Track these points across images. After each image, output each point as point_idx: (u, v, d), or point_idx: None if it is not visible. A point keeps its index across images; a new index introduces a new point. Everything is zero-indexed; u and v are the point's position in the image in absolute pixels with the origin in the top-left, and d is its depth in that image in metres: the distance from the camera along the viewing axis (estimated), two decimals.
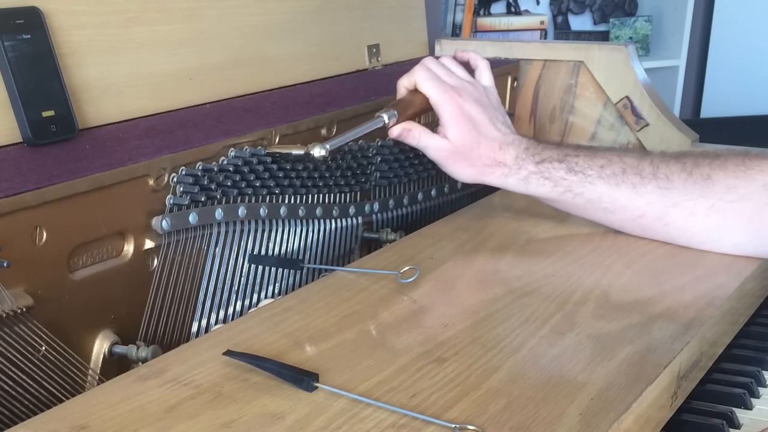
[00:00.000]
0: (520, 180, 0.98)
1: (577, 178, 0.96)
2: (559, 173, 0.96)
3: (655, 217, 0.95)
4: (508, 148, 0.99)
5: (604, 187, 0.95)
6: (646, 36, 2.99)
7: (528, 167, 0.98)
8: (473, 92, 1.01)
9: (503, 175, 0.99)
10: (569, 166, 0.96)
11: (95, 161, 0.80)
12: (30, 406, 0.71)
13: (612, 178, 0.95)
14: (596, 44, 1.36)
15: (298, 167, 0.98)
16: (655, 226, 0.95)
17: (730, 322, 0.87)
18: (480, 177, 1.00)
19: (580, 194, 0.96)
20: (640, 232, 0.97)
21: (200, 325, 0.89)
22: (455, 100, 0.98)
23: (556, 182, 0.97)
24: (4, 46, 0.82)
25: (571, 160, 0.97)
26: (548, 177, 0.97)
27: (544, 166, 0.97)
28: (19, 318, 0.71)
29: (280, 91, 1.15)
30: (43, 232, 0.73)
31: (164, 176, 0.83)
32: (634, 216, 0.96)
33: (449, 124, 0.98)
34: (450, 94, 0.99)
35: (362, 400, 0.63)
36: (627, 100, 1.32)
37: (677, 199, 0.93)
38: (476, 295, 0.84)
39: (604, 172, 0.95)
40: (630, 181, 0.95)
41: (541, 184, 0.97)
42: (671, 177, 0.93)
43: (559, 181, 0.96)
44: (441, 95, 0.99)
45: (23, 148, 0.83)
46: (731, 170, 0.91)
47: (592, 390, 0.66)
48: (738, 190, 0.91)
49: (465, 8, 2.51)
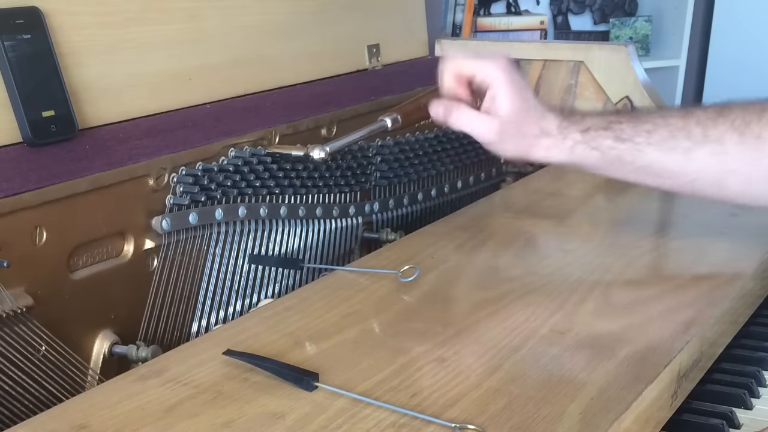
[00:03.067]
0: (565, 150, 0.92)
1: (626, 147, 0.90)
2: (607, 142, 0.90)
3: (709, 183, 0.90)
4: (549, 116, 0.93)
5: (655, 154, 0.89)
6: (646, 36, 2.99)
7: (573, 136, 0.92)
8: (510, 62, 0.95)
9: (548, 146, 0.92)
10: (616, 134, 0.90)
11: (95, 161, 0.80)
12: (30, 406, 0.71)
13: (662, 143, 0.89)
14: (596, 44, 1.37)
15: (298, 167, 0.98)
16: (710, 190, 0.91)
17: (730, 322, 0.87)
18: (527, 150, 0.93)
19: (630, 162, 0.90)
20: (693, 194, 0.92)
21: (200, 325, 0.89)
22: (507, 68, 0.93)
23: (604, 152, 0.91)
24: (4, 46, 0.82)
25: (616, 127, 0.91)
26: (596, 147, 0.91)
27: (590, 135, 0.91)
28: (19, 318, 0.71)
29: (280, 91, 1.15)
30: (43, 232, 0.73)
31: (164, 176, 0.83)
32: (686, 181, 0.90)
33: (502, 95, 0.92)
34: (500, 61, 0.93)
35: (362, 400, 0.63)
36: (627, 100, 1.32)
37: (731, 165, 0.88)
38: (476, 294, 0.84)
39: (653, 138, 0.89)
40: (681, 146, 0.88)
41: (589, 155, 0.92)
42: (722, 139, 0.87)
43: (608, 150, 0.90)
44: (491, 64, 0.92)
45: (23, 148, 0.83)
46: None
47: (592, 389, 0.66)
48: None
49: (465, 8, 2.51)
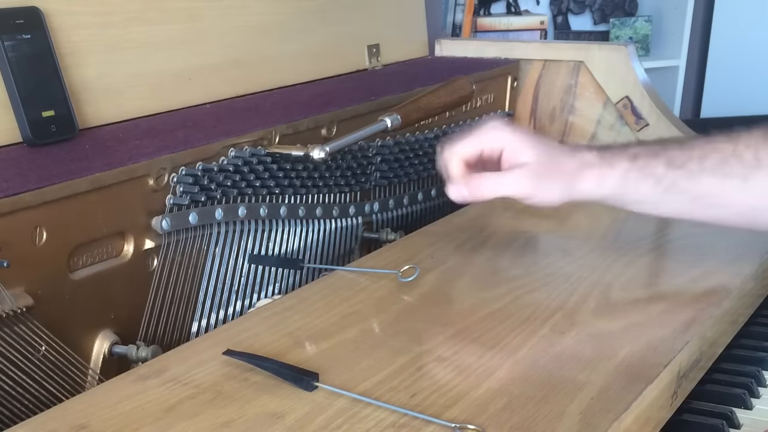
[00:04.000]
0: (616, 179, 0.84)
1: (681, 173, 0.83)
2: (659, 169, 0.83)
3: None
4: (581, 149, 0.87)
5: (711, 180, 0.82)
6: (646, 36, 2.99)
7: (622, 164, 0.84)
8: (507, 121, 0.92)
9: (597, 177, 0.84)
10: (668, 160, 0.83)
11: (95, 161, 0.80)
12: (30, 406, 0.71)
13: (716, 169, 0.82)
14: (596, 44, 1.37)
15: (298, 167, 0.98)
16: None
17: (730, 322, 0.87)
18: (572, 188, 0.86)
19: (686, 190, 0.83)
20: (751, 226, 0.86)
21: (200, 325, 0.89)
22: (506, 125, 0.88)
23: (659, 179, 0.83)
24: (4, 46, 0.82)
25: (665, 153, 0.84)
26: (649, 174, 0.83)
27: (641, 162, 0.84)
28: (19, 318, 0.71)
29: (280, 91, 1.15)
30: (43, 232, 0.73)
31: (164, 176, 0.83)
32: (744, 209, 0.84)
33: (521, 145, 0.86)
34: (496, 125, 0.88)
35: (362, 400, 0.63)
36: (627, 100, 1.32)
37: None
38: (476, 294, 0.84)
39: (706, 164, 0.82)
40: (737, 172, 0.82)
41: (641, 183, 0.84)
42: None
43: (662, 178, 0.83)
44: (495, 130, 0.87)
45: (23, 148, 0.83)
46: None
47: (592, 389, 0.66)
48: None
49: (465, 8, 2.51)
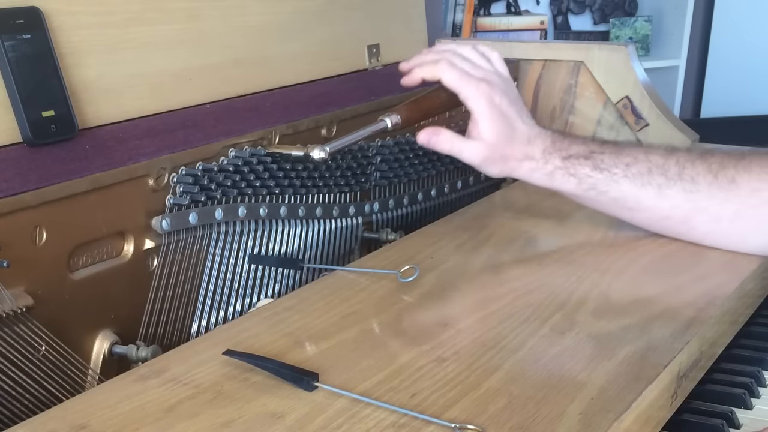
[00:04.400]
0: (545, 175, 0.96)
1: (603, 176, 0.94)
2: (585, 170, 0.94)
3: (680, 221, 0.94)
4: (536, 141, 0.96)
5: (629, 186, 0.93)
6: (646, 36, 2.99)
7: (554, 162, 0.95)
8: (501, 84, 0.96)
9: (530, 169, 0.96)
10: (595, 163, 0.94)
11: (95, 161, 0.80)
12: (30, 406, 0.71)
13: (638, 177, 0.93)
14: (596, 44, 1.36)
15: (298, 167, 0.98)
16: (679, 228, 0.95)
17: (730, 321, 0.87)
18: (510, 172, 0.97)
19: (605, 192, 0.94)
20: (663, 232, 0.97)
21: (200, 325, 0.89)
22: (488, 94, 0.94)
23: (581, 179, 0.95)
24: (4, 46, 0.82)
25: (597, 157, 0.94)
26: (573, 174, 0.95)
27: (570, 162, 0.95)
28: (19, 318, 0.71)
29: (280, 91, 1.15)
30: (43, 232, 0.73)
31: (164, 176, 0.83)
32: (658, 217, 0.95)
33: (484, 121, 0.94)
34: (482, 88, 0.94)
35: (362, 400, 0.63)
36: (627, 100, 1.32)
37: (702, 204, 0.91)
38: (476, 294, 0.84)
39: (630, 171, 0.93)
40: (656, 182, 0.93)
41: (566, 181, 0.95)
42: (696, 179, 0.91)
43: (585, 178, 0.94)
44: (473, 91, 0.94)
45: (23, 148, 0.83)
46: (755, 173, 0.90)
47: (592, 389, 0.66)
48: (761, 194, 0.89)
49: (465, 8, 2.51)
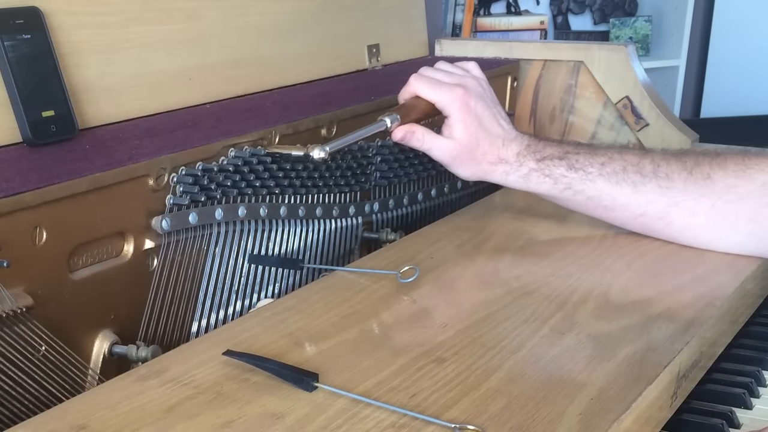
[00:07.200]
0: (520, 177, 0.98)
1: (578, 176, 0.96)
2: (560, 170, 0.96)
3: (655, 217, 0.95)
4: (511, 145, 0.98)
5: (605, 185, 0.95)
6: (646, 36, 2.99)
7: (529, 164, 0.97)
8: (476, 87, 0.99)
9: (505, 172, 0.98)
10: (570, 163, 0.96)
11: (95, 161, 0.80)
12: (30, 406, 0.71)
13: (612, 176, 0.95)
14: (596, 44, 1.36)
15: (298, 167, 0.98)
16: (656, 225, 0.96)
17: (730, 322, 0.87)
18: (483, 175, 1.00)
19: (581, 192, 0.96)
20: (641, 230, 0.98)
21: (200, 325, 0.89)
22: (461, 97, 0.97)
23: (556, 179, 0.97)
24: (4, 46, 0.82)
25: (571, 157, 0.97)
26: (548, 174, 0.97)
27: (545, 164, 0.97)
28: (19, 318, 0.71)
29: (280, 91, 1.15)
30: (43, 232, 0.73)
31: (164, 176, 0.83)
32: (634, 215, 0.96)
33: (456, 123, 0.97)
34: (455, 91, 0.97)
35: (362, 400, 0.63)
36: (627, 100, 1.32)
37: (678, 199, 0.93)
38: (476, 294, 0.84)
39: (605, 170, 0.95)
40: (630, 179, 0.94)
41: (542, 182, 0.97)
42: (672, 176, 0.93)
43: (560, 178, 0.96)
44: (446, 95, 0.97)
45: (23, 148, 0.83)
46: (731, 169, 0.91)
47: (592, 390, 0.66)
48: (737, 190, 0.91)
49: (465, 8, 2.51)
